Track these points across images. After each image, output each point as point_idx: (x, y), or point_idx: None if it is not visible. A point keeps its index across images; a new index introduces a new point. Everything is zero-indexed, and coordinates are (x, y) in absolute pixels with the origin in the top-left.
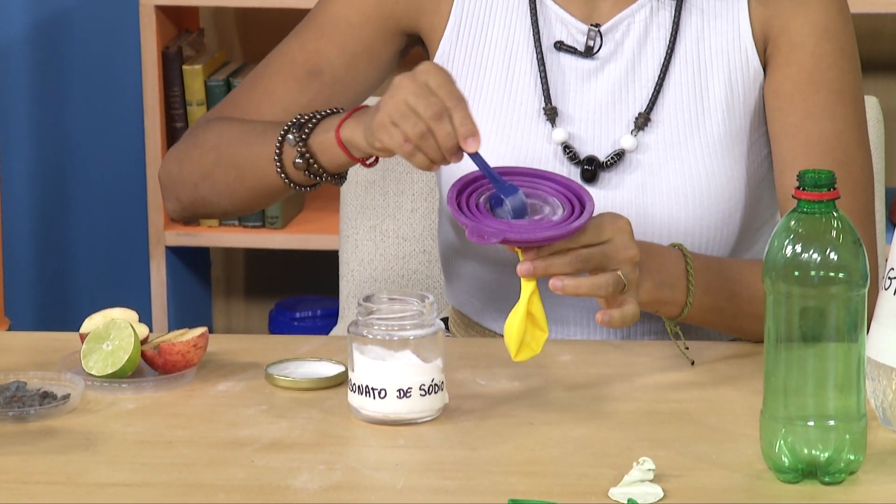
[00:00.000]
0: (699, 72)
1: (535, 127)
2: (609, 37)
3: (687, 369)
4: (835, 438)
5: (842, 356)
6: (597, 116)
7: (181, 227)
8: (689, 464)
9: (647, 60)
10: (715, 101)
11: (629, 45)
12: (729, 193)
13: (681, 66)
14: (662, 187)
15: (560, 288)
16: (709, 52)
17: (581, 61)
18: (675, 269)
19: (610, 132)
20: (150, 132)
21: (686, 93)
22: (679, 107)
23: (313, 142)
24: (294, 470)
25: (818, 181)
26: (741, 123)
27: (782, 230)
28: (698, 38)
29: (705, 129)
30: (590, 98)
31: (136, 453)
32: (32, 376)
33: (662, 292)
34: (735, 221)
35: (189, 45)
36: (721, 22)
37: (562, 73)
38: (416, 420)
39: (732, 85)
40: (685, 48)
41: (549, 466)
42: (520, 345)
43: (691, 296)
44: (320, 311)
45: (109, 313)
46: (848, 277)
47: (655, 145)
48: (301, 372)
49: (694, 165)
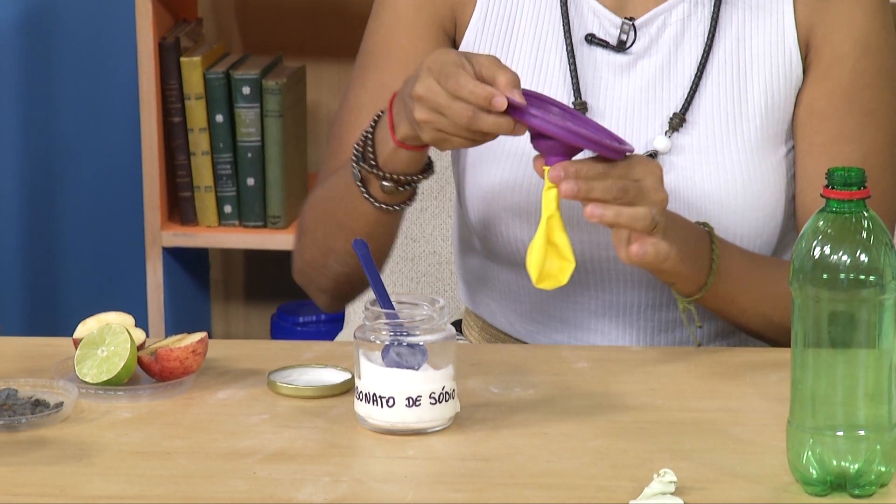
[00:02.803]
0: (739, 72)
1: None
2: (643, 31)
3: (710, 377)
4: (865, 449)
5: (872, 363)
6: (629, 114)
7: (178, 226)
8: (712, 476)
9: (684, 58)
10: (754, 104)
11: (665, 42)
12: (764, 202)
13: (720, 65)
14: (695, 192)
15: (598, 216)
16: (750, 53)
17: (613, 55)
18: (700, 246)
19: (643, 132)
20: (146, 127)
21: (724, 94)
22: (716, 108)
23: (384, 162)
24: (298, 482)
25: (848, 179)
26: (779, 128)
27: (810, 231)
28: (739, 36)
29: (743, 132)
30: (622, 94)
31: (132, 465)
32: (24, 383)
33: (683, 265)
34: (769, 231)
35: (187, 36)
36: (765, 21)
37: (593, 68)
38: (426, 430)
39: (773, 88)
40: (725, 47)
41: (566, 479)
42: (541, 271)
43: (712, 276)
44: (325, 315)
45: (104, 318)
46: (879, 280)
47: (690, 148)
48: (305, 379)
49: (730, 170)
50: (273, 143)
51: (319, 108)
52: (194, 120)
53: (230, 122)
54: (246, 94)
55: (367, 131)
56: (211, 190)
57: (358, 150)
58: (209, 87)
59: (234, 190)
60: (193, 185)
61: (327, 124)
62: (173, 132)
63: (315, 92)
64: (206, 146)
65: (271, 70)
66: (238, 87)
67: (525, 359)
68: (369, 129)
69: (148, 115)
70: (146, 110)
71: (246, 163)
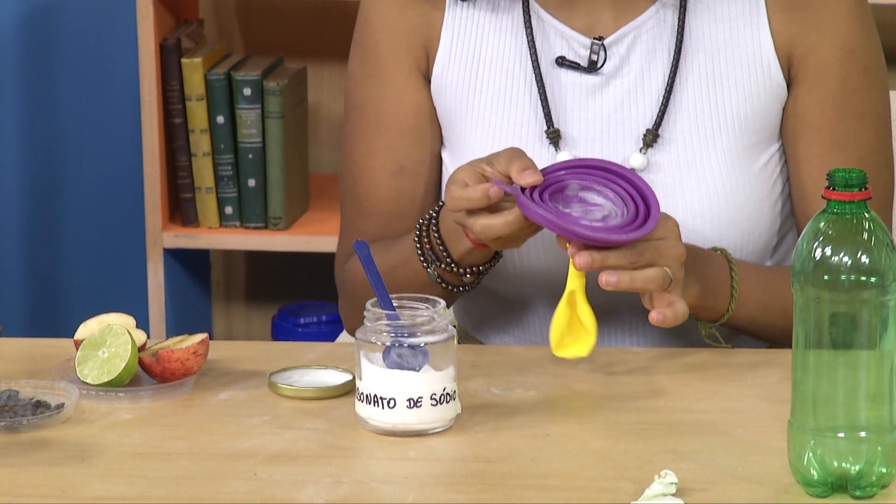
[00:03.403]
0: (714, 84)
1: (537, 151)
2: (613, 50)
3: (711, 378)
4: (866, 450)
5: (874, 364)
6: (603, 134)
7: (180, 227)
8: (714, 477)
9: (656, 74)
10: (732, 115)
11: (636, 59)
12: (749, 211)
13: (693, 79)
14: (679, 208)
15: (614, 283)
16: (725, 65)
17: (584, 77)
18: (720, 276)
19: (618, 150)
20: (147, 128)
21: (700, 107)
22: (692, 122)
23: (460, 258)
24: (299, 483)
25: (849, 180)
26: (760, 136)
27: (811, 232)
28: (712, 49)
29: (722, 144)
30: (595, 116)
31: (133, 466)
32: (25, 385)
33: (706, 299)
34: (755, 240)
35: (188, 37)
36: (738, 32)
37: (563, 91)
38: (427, 431)
39: (752, 98)
40: (697, 61)
41: (567, 480)
42: (561, 341)
43: (734, 302)
44: (326, 316)
45: (105, 319)
46: (880, 281)
47: (669, 164)
48: (306, 380)
49: (711, 183)
50: (274, 145)
51: (321, 109)
52: (195, 121)
53: (231, 124)
54: (247, 95)
55: (422, 235)
56: (212, 191)
57: (429, 252)
58: (210, 88)
59: (236, 191)
60: (194, 186)
61: (328, 125)
62: (174, 133)
63: (316, 93)
64: (208, 147)
65: (272, 71)
66: (239, 89)
67: (526, 360)
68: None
69: (149, 117)
70: (147, 111)
71: (247, 164)
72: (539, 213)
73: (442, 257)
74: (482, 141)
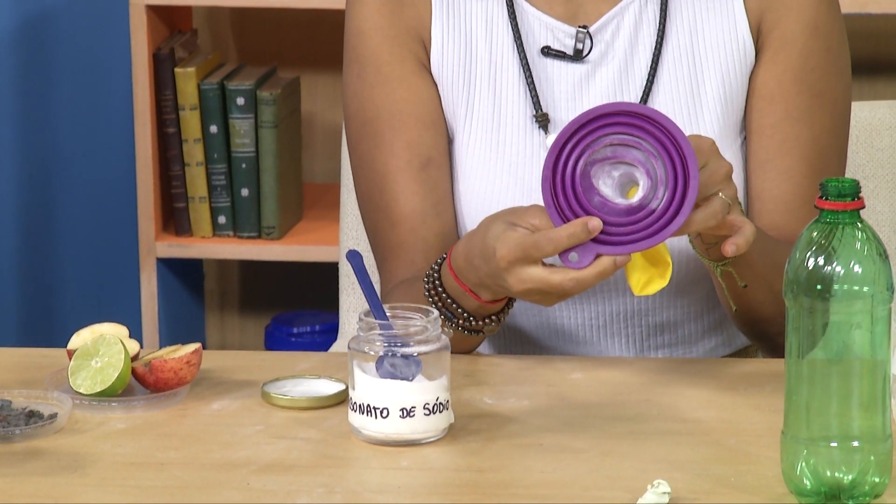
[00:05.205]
0: (693, 65)
1: (527, 136)
2: (598, 38)
3: (704, 387)
4: (859, 460)
5: (867, 374)
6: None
7: (173, 237)
8: (707, 486)
9: (640, 59)
10: (711, 96)
11: (620, 46)
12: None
13: (673, 60)
14: None
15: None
16: (703, 45)
17: (571, 66)
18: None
19: None
20: (141, 138)
21: (680, 88)
22: (674, 103)
23: (475, 311)
24: (292, 493)
25: (842, 190)
26: (737, 117)
27: (804, 242)
28: (691, 30)
29: (703, 125)
30: (584, 104)
31: (127, 475)
32: (17, 394)
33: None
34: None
35: (182, 47)
36: (716, 12)
37: (552, 80)
38: (420, 441)
39: (729, 77)
40: (677, 43)
41: (560, 489)
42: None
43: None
44: (319, 326)
45: (98, 328)
46: (873, 291)
47: None
48: (299, 390)
49: None
50: (268, 154)
51: (314, 118)
52: (189, 130)
53: (225, 133)
54: (240, 104)
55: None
56: (205, 200)
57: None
58: (204, 97)
59: (229, 200)
60: (188, 195)
61: (322, 135)
62: (168, 143)
63: (310, 102)
64: (201, 157)
65: (266, 81)
66: (233, 98)
67: (519, 369)
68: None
69: (142, 126)
70: (141, 121)
71: (240, 173)
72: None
73: (458, 314)
74: (476, 130)
